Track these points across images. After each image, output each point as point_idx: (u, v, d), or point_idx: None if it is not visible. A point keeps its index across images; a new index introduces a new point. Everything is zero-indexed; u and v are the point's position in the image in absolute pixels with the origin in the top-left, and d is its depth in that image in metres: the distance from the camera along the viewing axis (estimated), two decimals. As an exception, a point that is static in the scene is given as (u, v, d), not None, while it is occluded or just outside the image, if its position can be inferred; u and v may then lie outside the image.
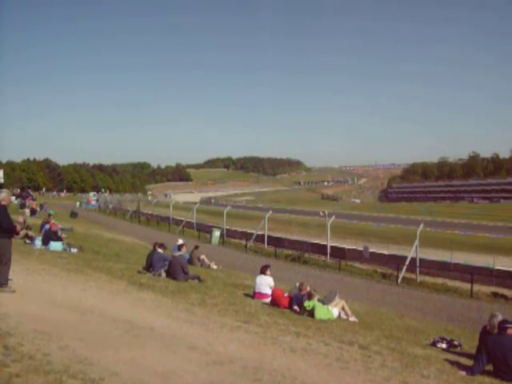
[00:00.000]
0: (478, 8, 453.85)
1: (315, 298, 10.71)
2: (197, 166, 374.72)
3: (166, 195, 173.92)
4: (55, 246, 16.93)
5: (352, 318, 10.92)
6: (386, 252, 25.84)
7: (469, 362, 7.63)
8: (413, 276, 21.51)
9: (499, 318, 7.70)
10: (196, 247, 20.59)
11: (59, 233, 19.10)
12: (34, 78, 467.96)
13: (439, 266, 22.64)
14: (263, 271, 12.75)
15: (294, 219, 51.76)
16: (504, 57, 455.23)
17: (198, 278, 14.08)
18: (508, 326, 7.34)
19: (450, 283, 20.43)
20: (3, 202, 9.01)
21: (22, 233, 18.67)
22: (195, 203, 58.80)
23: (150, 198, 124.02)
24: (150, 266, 14.21)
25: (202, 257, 20.19)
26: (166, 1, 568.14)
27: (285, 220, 48.82)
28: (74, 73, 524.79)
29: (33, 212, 38.46)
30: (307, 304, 10.58)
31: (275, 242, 31.34)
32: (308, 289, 11.32)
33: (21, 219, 20.53)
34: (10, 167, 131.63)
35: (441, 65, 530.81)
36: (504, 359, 6.99)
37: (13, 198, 49.88)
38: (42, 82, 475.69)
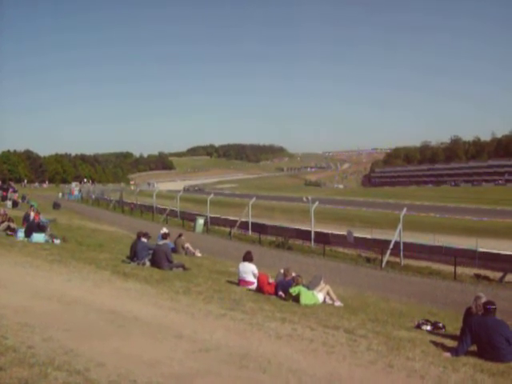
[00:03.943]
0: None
1: (300, 284, 10.76)
2: (179, 154, 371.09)
3: (149, 184, 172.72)
4: (38, 237, 16.72)
5: (337, 303, 10.98)
6: (369, 236, 25.95)
7: (453, 344, 7.71)
8: (397, 260, 21.67)
9: (483, 299, 7.80)
10: (180, 235, 20.53)
11: (41, 223, 18.88)
12: (15, 73, 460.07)
13: (423, 249, 22.82)
14: (246, 258, 12.74)
15: (278, 205, 51.80)
16: (483, 40, 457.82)
17: (183, 266, 14.06)
18: (493, 307, 7.44)
19: (434, 266, 20.60)
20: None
21: (4, 225, 18.49)
22: (179, 191, 58.52)
23: (132, 187, 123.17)
24: (134, 256, 14.15)
25: (187, 245, 20.15)
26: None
27: (269, 206, 48.78)
28: (56, 67, 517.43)
29: (15, 204, 38.03)
30: (292, 290, 10.61)
31: (259, 228, 31.38)
32: (293, 274, 11.35)
33: (2, 211, 20.29)
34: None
35: (421, 50, 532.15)
36: (488, 340, 7.08)
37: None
38: (24, 76, 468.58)
